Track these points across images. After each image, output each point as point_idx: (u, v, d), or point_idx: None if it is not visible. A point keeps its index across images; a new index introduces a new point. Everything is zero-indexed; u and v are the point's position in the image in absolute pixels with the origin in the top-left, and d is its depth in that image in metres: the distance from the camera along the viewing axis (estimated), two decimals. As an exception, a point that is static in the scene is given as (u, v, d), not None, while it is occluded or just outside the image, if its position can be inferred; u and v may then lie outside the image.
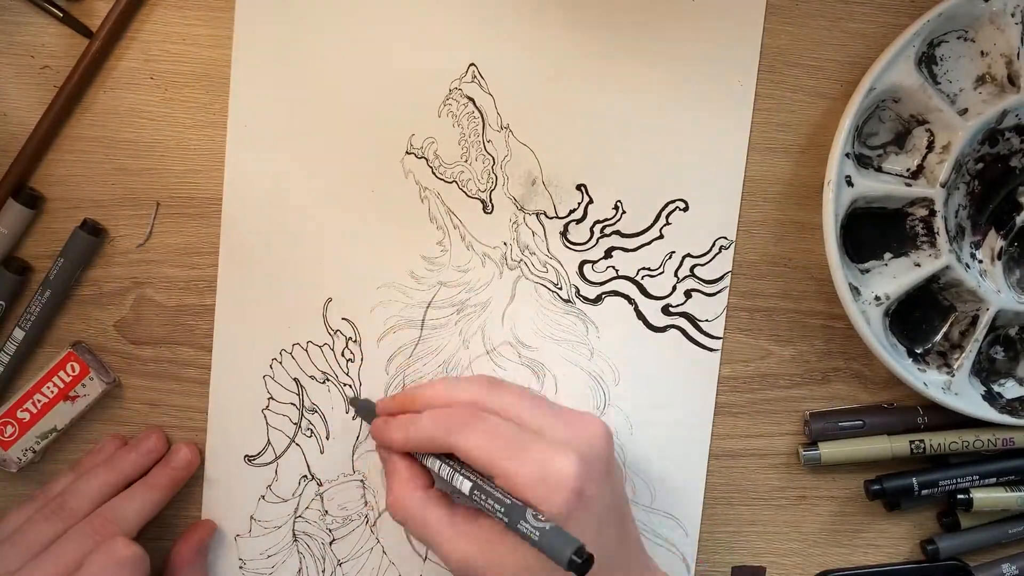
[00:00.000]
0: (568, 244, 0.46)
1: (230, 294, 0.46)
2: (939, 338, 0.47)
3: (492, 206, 0.46)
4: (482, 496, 0.37)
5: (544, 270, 0.46)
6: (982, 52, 0.45)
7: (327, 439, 0.47)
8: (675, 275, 0.47)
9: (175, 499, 0.45)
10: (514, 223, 0.46)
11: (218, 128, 0.45)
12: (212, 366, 0.46)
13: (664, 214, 0.46)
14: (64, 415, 0.45)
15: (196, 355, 0.46)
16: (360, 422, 0.46)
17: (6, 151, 0.44)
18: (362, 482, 0.47)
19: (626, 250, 0.46)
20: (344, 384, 0.46)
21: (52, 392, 0.44)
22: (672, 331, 0.47)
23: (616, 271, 0.46)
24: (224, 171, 0.45)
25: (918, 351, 0.47)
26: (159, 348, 0.46)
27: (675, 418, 0.47)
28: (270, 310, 0.46)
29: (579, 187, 0.46)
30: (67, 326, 0.46)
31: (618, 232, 0.46)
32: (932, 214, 0.45)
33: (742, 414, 0.48)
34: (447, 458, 0.40)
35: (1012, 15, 0.43)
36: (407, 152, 0.45)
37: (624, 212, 0.46)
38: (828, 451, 0.47)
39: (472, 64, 0.45)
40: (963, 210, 0.46)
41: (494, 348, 0.46)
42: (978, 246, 0.46)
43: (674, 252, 0.46)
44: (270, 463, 0.47)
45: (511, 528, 0.35)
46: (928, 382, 0.45)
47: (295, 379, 0.46)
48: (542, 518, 0.35)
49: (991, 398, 0.47)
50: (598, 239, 0.46)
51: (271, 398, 0.46)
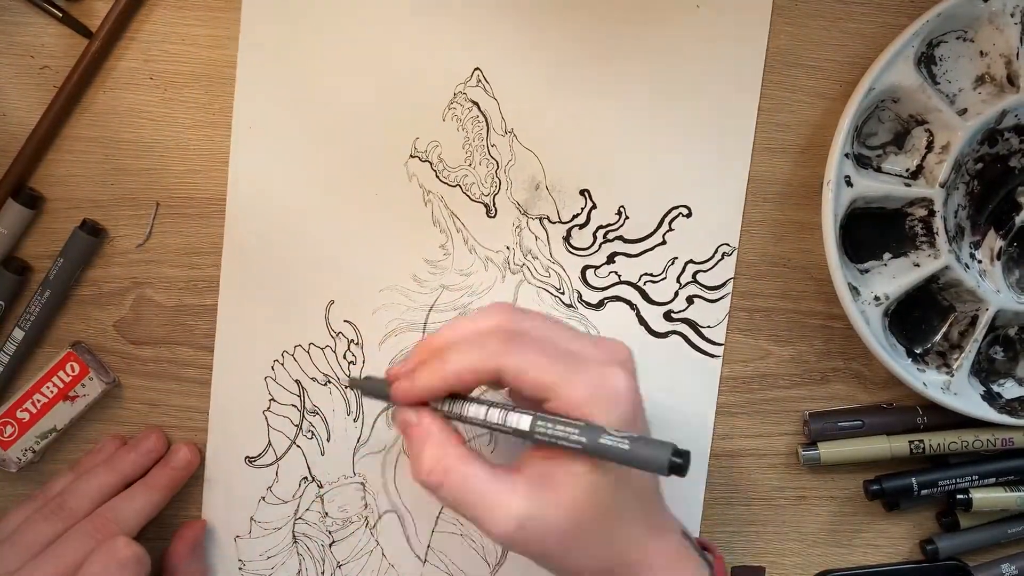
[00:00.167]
0: (571, 249, 0.46)
1: (232, 295, 0.46)
2: (938, 338, 0.47)
3: (495, 210, 0.46)
4: (547, 425, 0.33)
5: (546, 275, 0.46)
6: (981, 52, 0.45)
7: (328, 441, 0.47)
8: (677, 281, 0.47)
9: (175, 499, 0.45)
10: (517, 227, 0.46)
11: (218, 128, 0.45)
12: (213, 367, 0.46)
13: (667, 220, 0.46)
14: (64, 415, 0.45)
15: (196, 355, 0.46)
16: (361, 425, 0.46)
17: (6, 151, 0.44)
18: (362, 484, 0.47)
19: (629, 255, 0.46)
20: (346, 386, 0.46)
21: (52, 392, 0.44)
22: (674, 337, 0.47)
23: (619, 276, 0.46)
24: (228, 172, 0.45)
25: (917, 351, 0.47)
26: (159, 348, 0.46)
27: (676, 423, 0.47)
28: (272, 311, 0.46)
29: (583, 192, 0.46)
30: (67, 326, 0.46)
31: (621, 237, 0.46)
32: (931, 214, 0.45)
33: (742, 414, 0.48)
34: (475, 405, 0.36)
35: (1011, 15, 0.43)
36: (411, 155, 0.45)
37: (627, 217, 0.46)
38: (827, 451, 0.47)
39: (477, 68, 0.45)
40: (962, 210, 0.46)
41: None
42: (977, 246, 0.46)
43: (677, 258, 0.46)
44: (271, 464, 0.47)
45: (589, 450, 0.32)
46: (927, 382, 0.45)
47: (296, 380, 0.46)
48: (621, 431, 0.32)
49: (990, 398, 0.47)
50: (601, 244, 0.46)
51: (272, 399, 0.46)
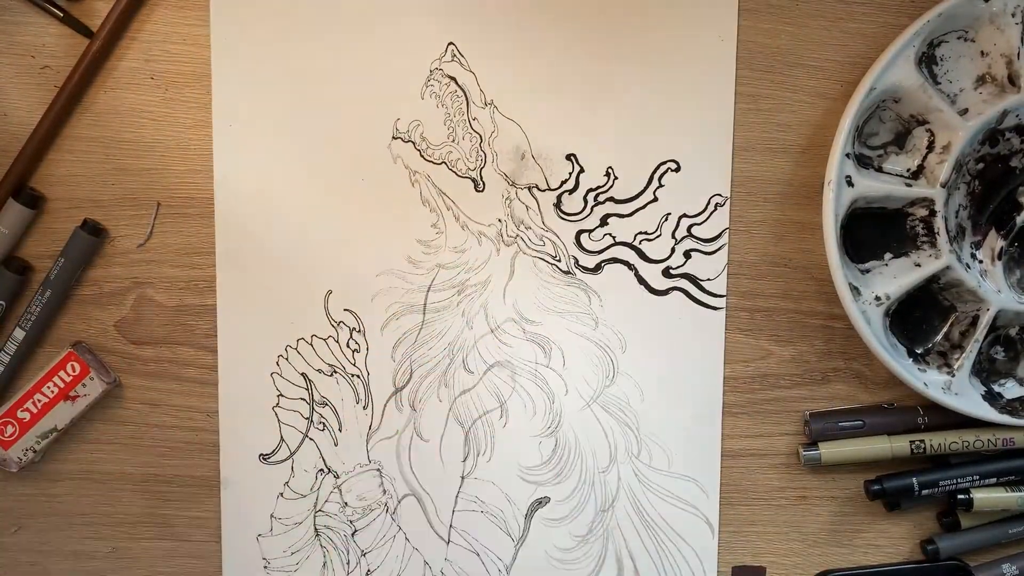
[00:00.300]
0: (563, 215, 0.46)
1: (230, 294, 0.46)
2: (939, 338, 0.47)
3: (483, 184, 0.46)
4: None
5: (541, 243, 0.46)
6: (982, 52, 0.45)
7: (340, 431, 0.47)
8: (673, 236, 0.46)
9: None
10: (507, 199, 0.46)
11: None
12: (219, 367, 0.46)
13: (656, 176, 0.46)
14: (64, 415, 0.45)
15: (196, 355, 0.46)
16: (371, 412, 0.46)
17: (6, 151, 0.44)
18: (379, 471, 0.47)
19: (621, 216, 0.46)
20: (352, 375, 0.46)
21: (52, 392, 0.44)
22: (675, 293, 0.47)
23: (613, 238, 0.46)
24: (213, 172, 0.45)
25: (918, 351, 0.47)
26: (159, 348, 0.46)
27: (685, 378, 0.47)
28: (271, 307, 0.46)
29: (569, 157, 0.46)
30: (67, 326, 0.46)
31: (612, 199, 0.46)
32: (932, 214, 0.44)
33: (742, 414, 0.48)
34: None
35: (1012, 15, 0.43)
36: (393, 137, 0.45)
37: (616, 178, 0.46)
38: (828, 451, 0.47)
39: (451, 43, 0.45)
40: (963, 210, 0.46)
41: (498, 326, 0.46)
42: (978, 246, 0.46)
43: (670, 214, 0.46)
44: (285, 460, 0.47)
45: None
46: (928, 382, 0.45)
47: (303, 374, 0.46)
48: None
49: (991, 398, 0.47)
50: (592, 207, 0.46)
51: (280, 395, 0.46)
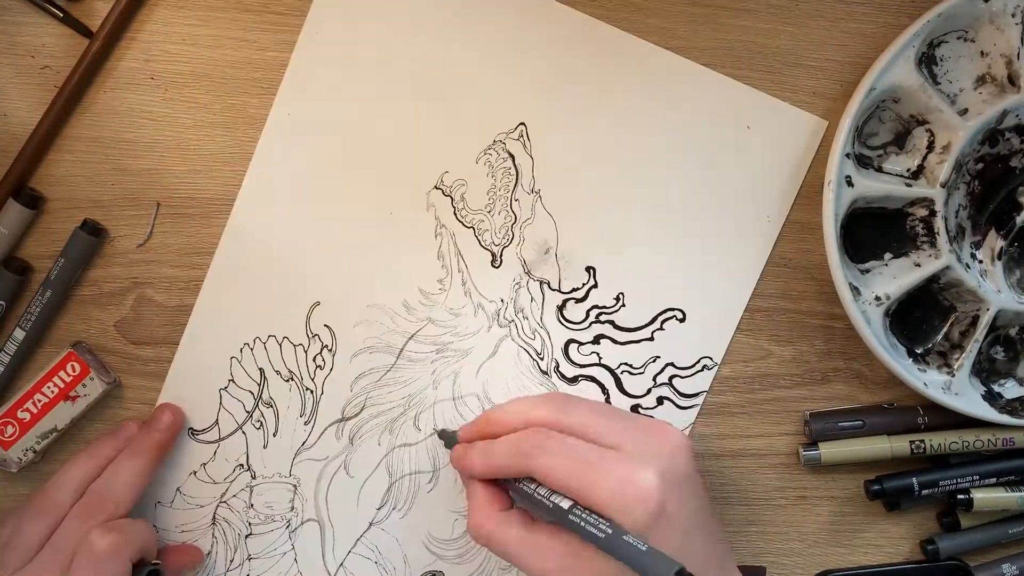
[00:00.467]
0: (562, 320, 0.47)
1: (223, 270, 0.46)
2: (939, 338, 0.47)
3: (501, 261, 0.46)
4: (582, 513, 0.36)
5: (532, 336, 0.47)
6: (982, 52, 0.45)
7: (274, 436, 0.47)
8: (653, 380, 0.47)
9: None
10: (517, 284, 0.46)
11: (219, 128, 0.45)
12: (184, 331, 0.46)
13: (660, 319, 0.47)
14: (64, 415, 0.45)
15: (196, 355, 0.46)
16: (311, 429, 0.46)
17: (6, 151, 0.44)
18: (295, 487, 0.47)
19: (615, 342, 0.47)
20: (307, 388, 0.46)
21: (52, 392, 0.44)
22: None
23: (599, 358, 0.47)
24: (234, 168, 0.45)
25: (918, 351, 0.47)
26: (159, 348, 0.46)
27: None
28: (258, 297, 0.46)
29: (588, 268, 0.46)
30: (67, 326, 0.46)
31: (613, 322, 0.47)
32: (932, 214, 0.44)
33: (742, 414, 0.48)
34: (529, 480, 0.40)
35: (1012, 15, 0.43)
36: (435, 187, 0.46)
37: (624, 305, 0.47)
38: (828, 451, 0.47)
39: (522, 123, 0.45)
40: (963, 210, 0.46)
41: (461, 396, 0.47)
42: (978, 246, 0.46)
43: (659, 357, 0.47)
44: (212, 443, 0.47)
45: (605, 547, 0.35)
46: (928, 382, 0.45)
47: (261, 369, 0.46)
48: (637, 539, 0.34)
49: (991, 398, 0.47)
50: (592, 323, 0.47)
51: (232, 380, 0.46)
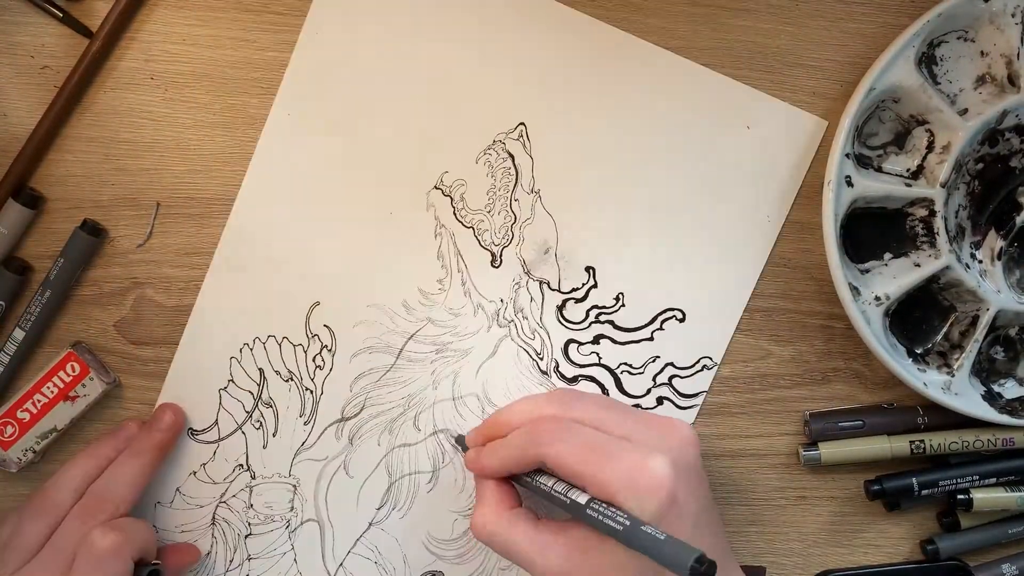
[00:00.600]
0: (562, 320, 0.47)
1: (222, 269, 0.46)
2: (939, 338, 0.47)
3: (501, 261, 0.46)
4: (599, 507, 0.36)
5: (531, 336, 0.47)
6: (982, 52, 0.45)
7: (274, 436, 0.47)
8: (653, 380, 0.47)
9: None
10: (516, 284, 0.46)
11: (218, 128, 0.45)
12: (184, 331, 0.46)
13: (660, 319, 0.47)
14: (64, 415, 0.45)
15: (196, 355, 0.46)
16: (311, 429, 0.46)
17: (6, 151, 0.44)
18: (294, 487, 0.47)
19: (615, 342, 0.47)
20: (307, 389, 0.46)
21: (52, 392, 0.44)
22: None
23: (599, 358, 0.47)
24: (234, 167, 0.45)
25: (918, 351, 0.47)
26: (159, 348, 0.46)
27: None
28: (257, 297, 0.46)
29: (588, 269, 0.46)
30: (67, 326, 0.46)
31: (612, 323, 0.47)
32: (932, 214, 0.44)
33: (742, 414, 0.48)
34: (546, 476, 0.39)
35: (1012, 15, 0.43)
36: (435, 187, 0.46)
37: (623, 305, 0.46)
38: (828, 451, 0.47)
39: (522, 123, 0.45)
40: (963, 210, 0.46)
41: (460, 396, 0.47)
42: (978, 246, 0.46)
43: (659, 357, 0.47)
44: (211, 443, 0.47)
45: (623, 538, 0.34)
46: (928, 382, 0.45)
47: (260, 369, 0.46)
48: (656, 529, 0.34)
49: (991, 398, 0.47)
50: (591, 323, 0.47)
51: (231, 380, 0.46)
